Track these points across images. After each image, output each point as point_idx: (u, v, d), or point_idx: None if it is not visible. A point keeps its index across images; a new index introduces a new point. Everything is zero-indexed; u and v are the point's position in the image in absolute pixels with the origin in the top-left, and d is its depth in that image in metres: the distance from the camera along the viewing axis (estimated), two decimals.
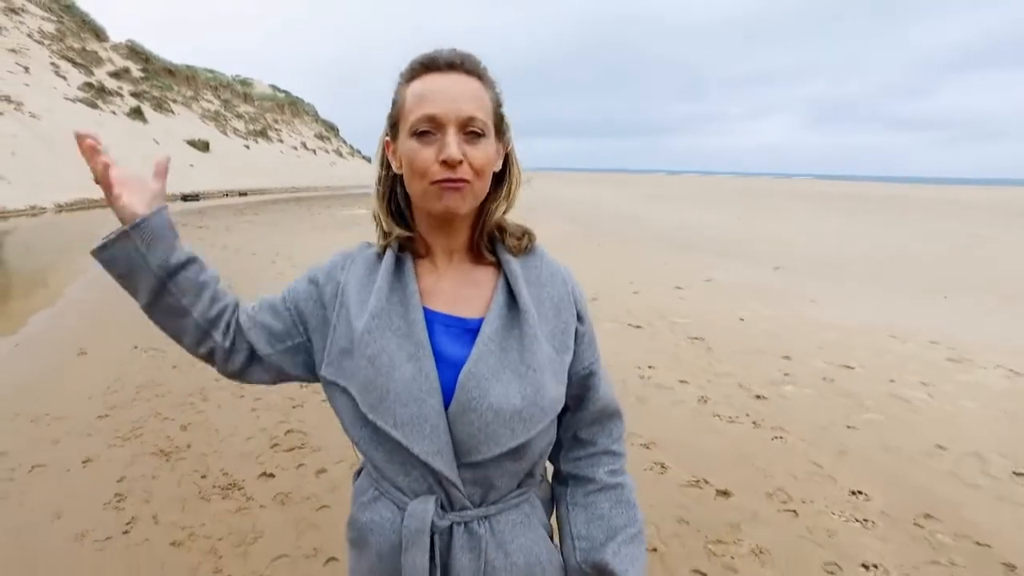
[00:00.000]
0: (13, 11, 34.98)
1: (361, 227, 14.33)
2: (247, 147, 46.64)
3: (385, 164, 0.84)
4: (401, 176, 0.80)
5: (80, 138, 0.77)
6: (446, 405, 0.75)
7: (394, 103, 0.80)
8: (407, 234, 0.83)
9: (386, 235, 0.84)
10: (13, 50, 30.95)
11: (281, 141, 55.54)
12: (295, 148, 56.87)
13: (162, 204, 0.82)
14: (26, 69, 30.24)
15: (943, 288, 7.90)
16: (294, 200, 27.86)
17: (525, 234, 0.86)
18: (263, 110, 59.03)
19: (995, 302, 7.11)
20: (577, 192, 36.75)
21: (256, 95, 60.27)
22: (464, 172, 0.74)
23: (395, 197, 0.84)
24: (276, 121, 59.67)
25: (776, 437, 3.30)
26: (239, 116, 52.00)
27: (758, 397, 3.86)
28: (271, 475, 2.80)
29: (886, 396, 3.95)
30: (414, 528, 0.77)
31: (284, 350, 0.86)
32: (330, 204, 24.74)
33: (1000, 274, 9.21)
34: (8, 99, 25.72)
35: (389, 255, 0.83)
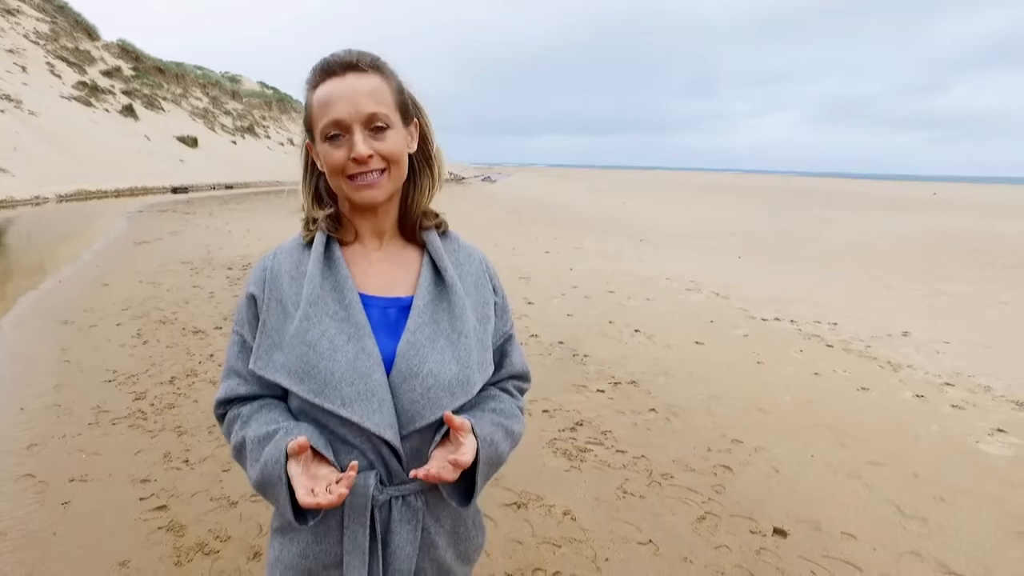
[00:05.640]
0: (9, 12, 36.87)
1: None
2: (234, 143, 48.72)
3: (310, 162, 0.91)
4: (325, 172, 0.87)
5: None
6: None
7: (306, 109, 0.86)
8: (330, 211, 0.90)
9: (312, 222, 0.91)
10: (11, 50, 32.93)
11: (268, 137, 57.56)
12: (282, 144, 58.86)
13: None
14: (23, 69, 32.27)
15: (750, 253, 10.37)
16: (275, 192, 30.06)
17: (438, 216, 0.96)
18: (251, 107, 60.94)
19: (765, 261, 9.58)
20: (542, 187, 39.20)
21: (244, 92, 62.14)
22: (376, 164, 0.81)
23: (319, 189, 0.92)
24: (264, 118, 61.57)
25: (526, 327, 5.66)
26: (227, 113, 53.95)
27: (529, 303, 6.24)
28: (220, 327, 5.17)
29: (615, 305, 6.35)
30: (357, 504, 0.80)
31: None
32: None
33: (796, 245, 11.74)
34: (8, 98, 27.79)
35: (317, 243, 0.88)
